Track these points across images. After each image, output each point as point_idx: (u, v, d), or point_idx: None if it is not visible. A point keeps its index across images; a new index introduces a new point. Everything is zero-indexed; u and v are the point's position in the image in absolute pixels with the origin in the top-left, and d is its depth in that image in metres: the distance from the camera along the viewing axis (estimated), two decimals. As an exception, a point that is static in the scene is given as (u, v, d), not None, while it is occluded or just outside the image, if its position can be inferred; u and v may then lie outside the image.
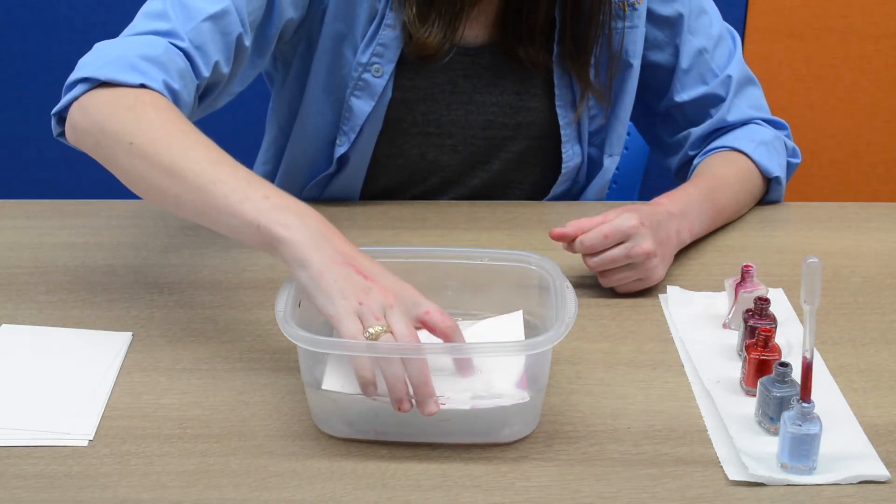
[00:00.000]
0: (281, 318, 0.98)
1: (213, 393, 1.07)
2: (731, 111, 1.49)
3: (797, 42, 2.43)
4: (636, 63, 1.47)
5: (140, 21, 1.26)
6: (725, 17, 1.53)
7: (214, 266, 1.30)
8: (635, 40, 1.46)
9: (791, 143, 1.52)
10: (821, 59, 2.45)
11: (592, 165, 1.54)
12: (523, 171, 1.53)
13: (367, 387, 0.96)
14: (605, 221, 1.21)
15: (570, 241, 1.22)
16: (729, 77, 1.49)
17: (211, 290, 1.25)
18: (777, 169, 1.46)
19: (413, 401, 0.96)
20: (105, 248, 1.34)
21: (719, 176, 1.41)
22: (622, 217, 1.21)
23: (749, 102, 1.51)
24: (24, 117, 2.47)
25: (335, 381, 1.01)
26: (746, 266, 1.17)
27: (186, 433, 1.01)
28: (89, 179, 1.82)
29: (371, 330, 0.96)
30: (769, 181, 1.47)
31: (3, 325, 1.17)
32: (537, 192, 1.55)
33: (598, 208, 1.47)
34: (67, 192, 1.68)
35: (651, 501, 0.94)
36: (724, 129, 1.49)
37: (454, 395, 0.99)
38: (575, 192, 1.56)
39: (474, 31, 1.44)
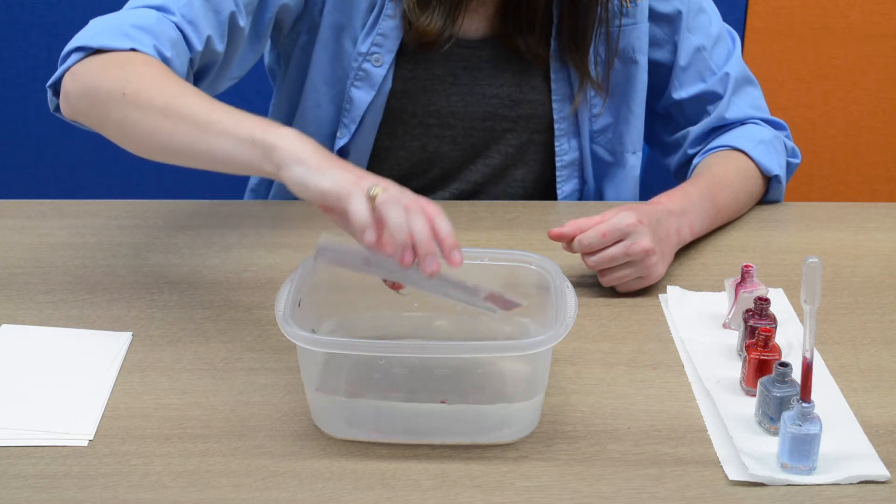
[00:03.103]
0: (281, 318, 0.98)
1: (213, 393, 1.07)
2: (730, 109, 1.49)
3: (797, 42, 2.43)
4: (642, 59, 1.48)
5: None
6: (725, 18, 1.54)
7: (214, 266, 1.30)
8: (639, 36, 1.47)
9: (791, 144, 1.52)
10: (821, 59, 2.44)
11: (603, 164, 1.54)
12: (523, 166, 1.53)
13: (363, 231, 0.95)
14: (603, 220, 1.21)
15: (568, 241, 1.22)
16: (727, 75, 1.49)
17: (211, 290, 1.25)
18: (777, 168, 1.46)
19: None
20: (105, 248, 1.34)
21: (719, 175, 1.41)
22: (620, 215, 1.21)
23: (748, 102, 1.51)
24: (24, 117, 2.47)
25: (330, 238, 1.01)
26: (746, 266, 1.17)
27: (186, 433, 1.01)
28: (89, 179, 1.83)
29: (372, 191, 0.96)
30: (769, 180, 1.47)
31: (3, 325, 1.17)
32: (539, 188, 1.55)
33: (597, 208, 1.47)
34: (67, 192, 1.68)
35: (651, 501, 0.94)
36: (723, 127, 1.50)
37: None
38: (589, 193, 1.56)
39: (475, 24, 1.45)
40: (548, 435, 1.02)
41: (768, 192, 1.49)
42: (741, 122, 1.50)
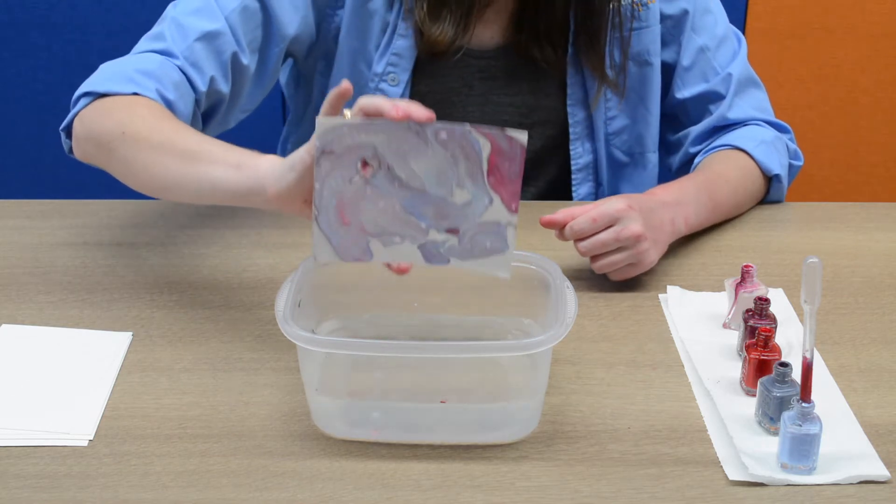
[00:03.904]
0: (281, 318, 0.98)
1: (213, 393, 1.07)
2: (732, 109, 1.49)
3: (797, 42, 2.43)
4: (656, 61, 1.49)
5: (141, 43, 1.34)
6: (725, 18, 1.54)
7: (214, 266, 1.30)
8: (653, 39, 1.47)
9: (793, 146, 1.52)
10: (821, 59, 2.45)
11: (619, 165, 1.54)
12: (539, 170, 1.54)
13: (359, 103, 0.97)
14: (594, 208, 1.22)
15: (560, 228, 1.23)
16: (729, 75, 1.49)
17: (211, 290, 1.25)
18: (777, 167, 1.46)
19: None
20: (105, 248, 1.34)
21: (717, 171, 1.41)
22: (611, 202, 1.22)
23: (752, 103, 1.51)
24: (24, 117, 2.47)
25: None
26: (746, 266, 1.17)
27: (186, 433, 1.01)
28: (89, 179, 1.82)
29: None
30: (770, 180, 1.47)
31: (3, 325, 1.17)
32: (555, 191, 1.55)
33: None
34: (67, 192, 1.68)
35: (651, 501, 0.94)
36: (725, 127, 1.50)
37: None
38: (605, 194, 1.55)
39: (489, 33, 1.45)
40: (548, 435, 1.02)
41: (769, 192, 1.48)
42: (743, 123, 1.50)
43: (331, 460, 0.98)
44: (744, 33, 2.40)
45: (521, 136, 0.95)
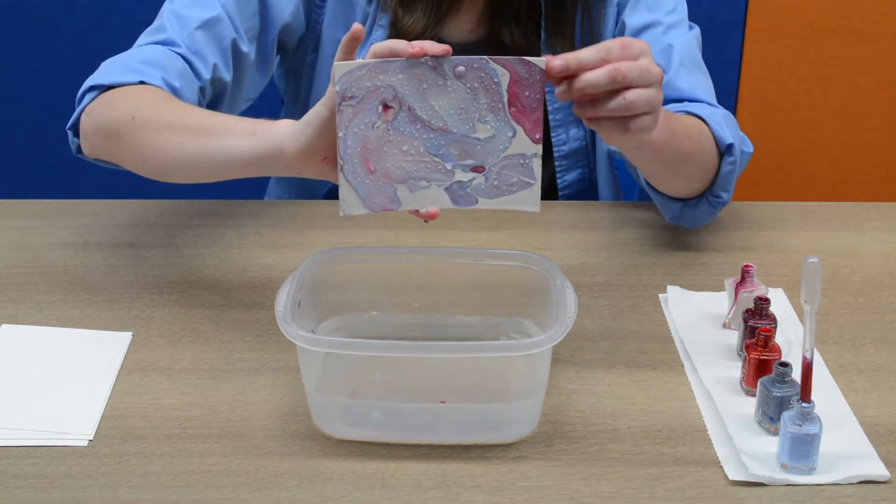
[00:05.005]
0: (281, 318, 0.98)
1: (213, 393, 1.07)
2: (681, 78, 1.39)
3: (797, 42, 2.43)
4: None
5: (142, 38, 1.35)
6: (725, 18, 1.53)
7: (214, 266, 1.30)
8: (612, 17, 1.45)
9: (741, 133, 1.44)
10: (821, 59, 2.45)
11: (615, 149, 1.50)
12: None
13: (374, 47, 0.98)
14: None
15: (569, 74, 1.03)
16: (670, 46, 1.40)
17: (211, 290, 1.25)
18: (730, 138, 1.33)
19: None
20: (105, 248, 1.34)
21: (673, 115, 1.28)
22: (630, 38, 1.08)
23: (698, 84, 1.41)
24: (24, 117, 2.47)
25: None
26: (746, 266, 1.17)
27: (186, 433, 1.01)
28: (89, 179, 1.83)
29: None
30: (721, 157, 1.34)
31: (3, 325, 1.17)
32: (543, 181, 1.54)
33: (599, 210, 1.47)
34: (67, 192, 1.68)
35: (651, 501, 0.94)
36: (675, 100, 1.39)
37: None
38: (603, 176, 1.53)
39: (469, 26, 1.45)
40: (548, 435, 1.02)
41: (720, 170, 1.34)
42: (691, 101, 1.39)
43: (331, 460, 0.98)
44: (744, 33, 2.40)
45: (539, 62, 0.95)
